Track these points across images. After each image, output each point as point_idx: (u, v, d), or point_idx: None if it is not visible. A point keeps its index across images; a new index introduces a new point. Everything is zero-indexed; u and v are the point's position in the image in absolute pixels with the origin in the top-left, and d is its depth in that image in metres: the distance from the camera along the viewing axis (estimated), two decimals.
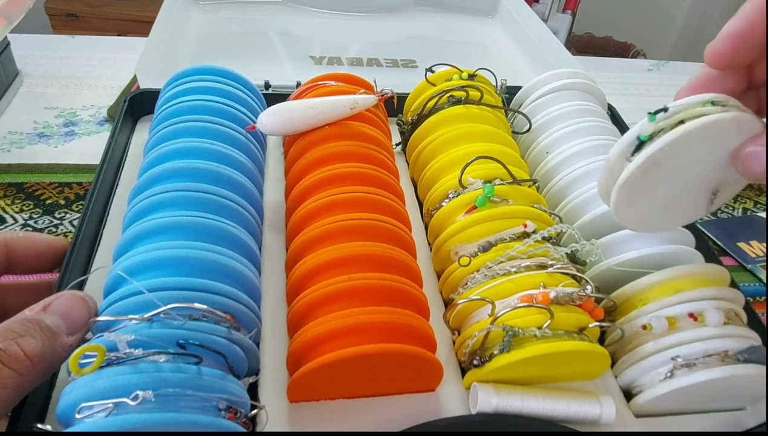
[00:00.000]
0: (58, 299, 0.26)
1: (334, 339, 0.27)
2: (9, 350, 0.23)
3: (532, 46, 0.67)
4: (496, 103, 0.42)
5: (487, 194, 0.33)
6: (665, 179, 0.24)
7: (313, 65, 0.63)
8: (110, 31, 1.58)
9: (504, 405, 0.28)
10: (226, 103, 0.37)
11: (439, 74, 0.43)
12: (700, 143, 0.22)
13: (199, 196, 0.30)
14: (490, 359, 0.29)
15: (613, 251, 0.34)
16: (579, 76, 0.44)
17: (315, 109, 0.36)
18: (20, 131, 0.55)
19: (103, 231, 0.37)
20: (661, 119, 0.22)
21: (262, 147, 0.39)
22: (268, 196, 0.40)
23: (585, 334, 0.30)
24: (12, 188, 0.49)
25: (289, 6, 0.73)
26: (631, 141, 0.23)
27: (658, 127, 0.22)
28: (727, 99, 0.23)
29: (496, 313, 0.29)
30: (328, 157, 0.35)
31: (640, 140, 0.23)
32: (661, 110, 0.22)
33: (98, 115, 0.59)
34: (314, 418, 0.29)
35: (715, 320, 0.30)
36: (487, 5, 0.77)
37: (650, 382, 0.30)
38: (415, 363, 0.28)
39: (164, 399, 0.22)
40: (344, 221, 0.31)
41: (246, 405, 0.25)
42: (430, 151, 0.39)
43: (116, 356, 0.23)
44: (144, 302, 0.25)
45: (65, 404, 0.22)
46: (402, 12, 0.76)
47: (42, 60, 0.66)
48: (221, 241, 0.29)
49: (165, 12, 0.61)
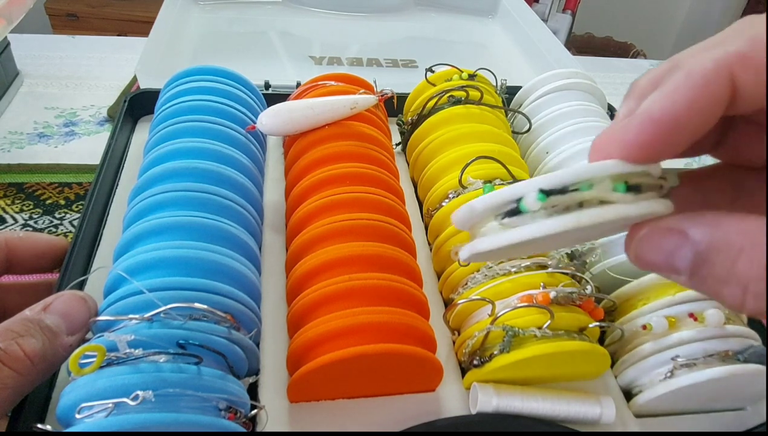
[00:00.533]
0: (58, 299, 0.26)
1: (334, 339, 0.27)
2: (9, 350, 0.23)
3: (532, 46, 0.67)
4: (496, 103, 0.42)
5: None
6: (535, 246, 0.20)
7: (313, 65, 0.63)
8: (110, 31, 1.58)
9: (504, 405, 0.28)
10: (226, 103, 0.37)
11: (439, 74, 0.43)
12: (590, 229, 0.17)
13: (199, 196, 0.30)
14: (490, 359, 0.29)
15: (613, 251, 0.34)
16: (579, 76, 0.44)
17: (315, 109, 0.36)
18: (20, 131, 0.55)
19: (103, 231, 0.37)
20: (555, 202, 0.16)
21: (262, 147, 0.39)
22: (268, 197, 0.40)
23: (585, 334, 0.30)
24: (12, 188, 0.49)
25: (289, 6, 0.73)
26: (506, 202, 0.17)
27: (548, 204, 0.17)
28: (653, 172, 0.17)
29: (496, 313, 0.29)
30: (328, 158, 0.35)
31: (519, 210, 0.17)
32: (556, 192, 0.16)
33: (98, 115, 0.59)
34: (314, 418, 0.29)
35: (716, 319, 0.30)
36: (487, 5, 0.77)
37: (650, 382, 0.30)
38: (415, 363, 0.28)
39: (164, 399, 0.22)
40: (344, 221, 0.31)
41: (246, 405, 0.25)
42: (430, 151, 0.39)
43: (116, 356, 0.23)
44: (144, 302, 0.25)
45: (65, 404, 0.22)
46: (402, 12, 0.76)
47: (42, 60, 0.66)
48: (221, 241, 0.29)
49: (165, 12, 0.61)
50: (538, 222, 0.16)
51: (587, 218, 0.16)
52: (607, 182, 0.16)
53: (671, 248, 0.16)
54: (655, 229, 0.16)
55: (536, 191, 0.16)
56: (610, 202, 0.16)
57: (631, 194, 0.16)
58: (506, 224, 0.17)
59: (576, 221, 0.16)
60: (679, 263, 0.16)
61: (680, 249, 0.16)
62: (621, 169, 0.16)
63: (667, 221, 0.16)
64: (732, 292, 0.15)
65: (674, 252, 0.16)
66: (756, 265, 0.14)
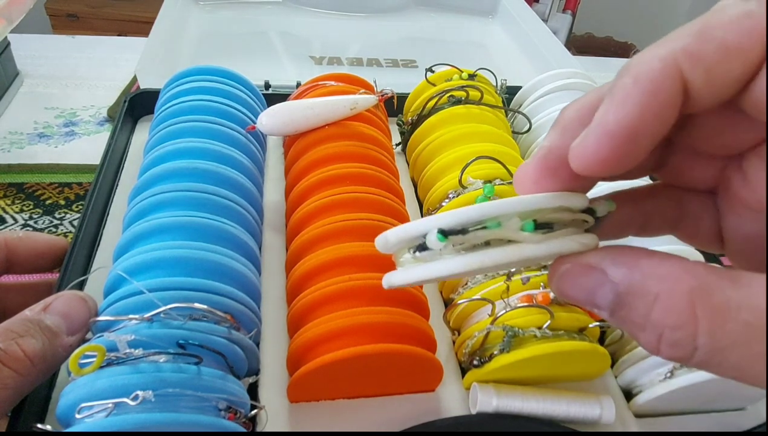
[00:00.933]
0: (58, 299, 0.26)
1: (334, 339, 0.27)
2: (9, 350, 0.23)
3: (532, 46, 0.67)
4: (496, 103, 0.42)
5: (488, 194, 0.33)
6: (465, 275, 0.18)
7: (313, 65, 0.63)
8: (110, 31, 1.57)
9: (504, 405, 0.28)
10: (226, 104, 0.37)
11: (439, 74, 0.43)
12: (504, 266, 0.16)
13: (199, 196, 0.30)
14: (490, 359, 0.29)
15: None
16: (579, 76, 0.44)
17: (315, 109, 0.36)
18: (20, 131, 0.55)
19: (103, 231, 0.37)
20: (456, 242, 0.16)
21: (262, 147, 0.39)
22: (268, 197, 0.40)
23: (585, 334, 0.30)
24: (12, 188, 0.49)
25: (289, 6, 0.73)
26: (414, 237, 0.17)
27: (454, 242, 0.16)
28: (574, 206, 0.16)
29: (496, 313, 0.29)
30: (328, 158, 0.35)
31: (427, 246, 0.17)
32: (456, 232, 0.15)
33: (98, 115, 0.59)
34: (314, 418, 0.29)
35: None
36: (487, 5, 0.77)
37: (650, 382, 0.30)
38: (414, 363, 0.28)
39: (164, 399, 0.22)
40: (344, 221, 0.31)
41: (246, 405, 0.25)
42: (430, 151, 0.39)
43: (116, 356, 0.23)
44: (144, 302, 0.25)
45: (65, 404, 0.22)
46: (402, 12, 0.76)
47: (42, 60, 0.66)
48: (221, 241, 0.29)
49: (165, 12, 0.61)
50: (444, 260, 0.16)
51: (490, 260, 0.15)
52: (515, 220, 0.15)
53: (591, 287, 0.15)
54: (576, 265, 0.16)
55: (435, 231, 0.16)
56: (517, 242, 0.15)
57: (540, 233, 0.15)
58: (418, 257, 0.17)
59: (479, 263, 0.15)
60: (600, 301, 0.15)
61: (600, 288, 0.15)
62: (528, 206, 0.15)
63: (588, 257, 0.16)
64: (647, 338, 0.14)
65: (594, 290, 0.15)
66: (670, 313, 0.14)
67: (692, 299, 0.13)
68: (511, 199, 0.15)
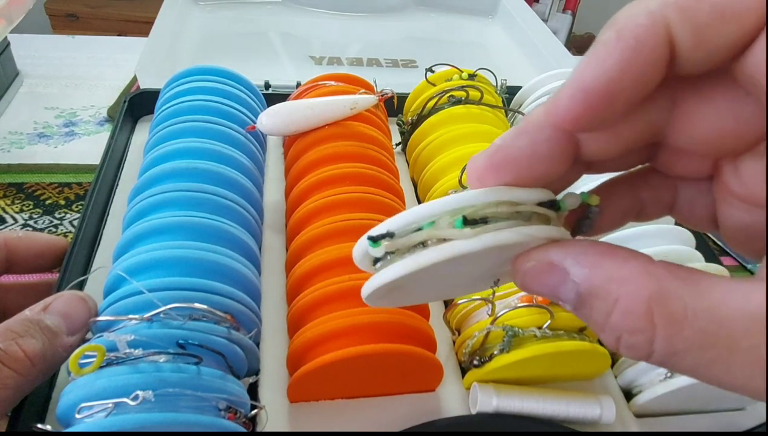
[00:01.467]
0: (58, 299, 0.26)
1: (334, 339, 0.27)
2: (9, 350, 0.23)
3: (532, 46, 0.67)
4: (496, 103, 0.42)
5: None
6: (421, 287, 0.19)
7: (313, 65, 0.63)
8: (110, 31, 1.58)
9: (504, 405, 0.28)
10: (226, 103, 0.37)
11: (439, 74, 0.43)
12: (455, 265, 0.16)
13: (199, 196, 0.30)
14: (490, 359, 0.29)
15: None
16: None
17: (315, 109, 0.36)
18: (20, 131, 0.55)
19: (103, 231, 0.37)
20: (390, 248, 0.16)
21: (262, 147, 0.39)
22: (268, 197, 0.40)
23: (585, 334, 0.30)
24: (12, 188, 0.49)
25: (289, 6, 0.73)
26: (364, 250, 0.17)
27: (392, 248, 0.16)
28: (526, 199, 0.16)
29: (496, 313, 0.29)
30: (328, 158, 0.35)
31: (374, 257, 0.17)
32: (384, 236, 0.16)
33: (98, 115, 0.59)
34: (314, 418, 0.29)
35: None
36: (487, 5, 0.77)
37: (650, 382, 0.30)
38: (415, 363, 0.28)
39: (164, 399, 0.22)
40: (344, 221, 0.31)
41: (246, 405, 0.25)
42: (430, 151, 0.39)
43: (116, 356, 0.23)
44: (144, 302, 0.25)
45: (65, 404, 0.22)
46: (402, 12, 0.76)
47: (42, 60, 0.66)
48: (221, 241, 0.29)
49: (165, 12, 0.61)
50: (390, 266, 0.16)
51: (425, 259, 0.15)
52: (445, 219, 0.15)
53: (554, 284, 0.15)
54: (539, 263, 0.15)
55: (366, 239, 0.16)
56: (449, 240, 0.15)
57: (471, 228, 0.15)
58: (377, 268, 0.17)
59: (416, 263, 0.15)
60: (563, 296, 0.15)
61: (562, 285, 0.15)
62: (454, 205, 0.15)
63: (551, 254, 0.15)
64: (606, 338, 0.14)
65: (557, 287, 0.15)
66: (629, 318, 0.14)
67: (650, 306, 0.13)
68: (438, 200, 0.16)
